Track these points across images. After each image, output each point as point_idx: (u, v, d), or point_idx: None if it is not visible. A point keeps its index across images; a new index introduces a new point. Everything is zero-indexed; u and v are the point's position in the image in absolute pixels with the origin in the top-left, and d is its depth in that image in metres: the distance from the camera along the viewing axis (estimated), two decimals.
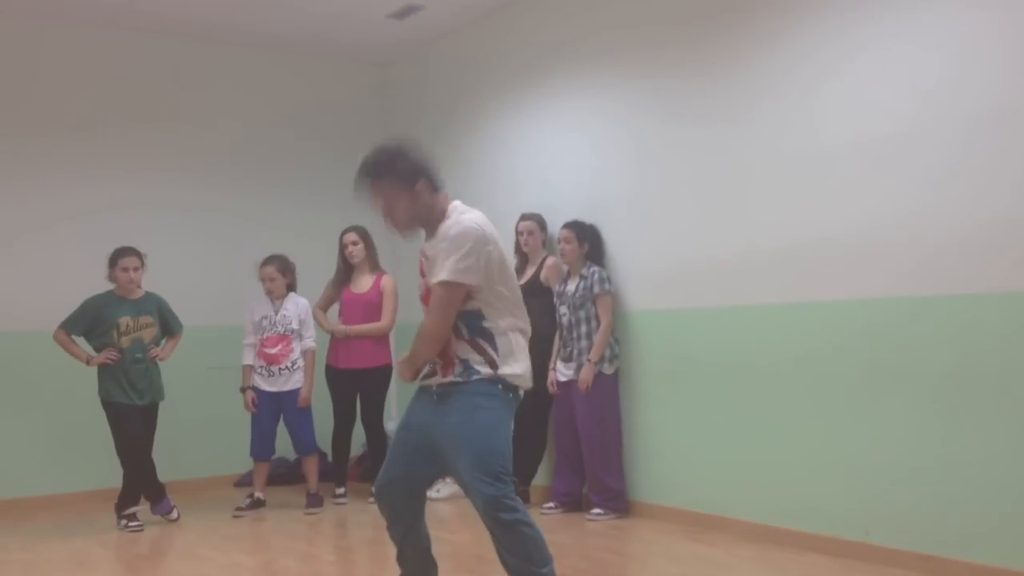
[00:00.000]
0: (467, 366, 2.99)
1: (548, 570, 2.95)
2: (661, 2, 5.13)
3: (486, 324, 2.98)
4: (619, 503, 5.21)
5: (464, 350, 2.99)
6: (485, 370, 2.97)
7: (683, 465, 5.02)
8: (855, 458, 4.16)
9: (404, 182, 3.01)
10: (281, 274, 5.78)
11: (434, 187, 3.06)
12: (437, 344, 3.00)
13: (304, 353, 5.80)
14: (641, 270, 5.30)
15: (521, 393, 3.09)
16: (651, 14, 5.20)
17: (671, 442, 5.09)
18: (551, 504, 5.41)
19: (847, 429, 4.20)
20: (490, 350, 2.98)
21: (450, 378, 3.01)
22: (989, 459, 3.69)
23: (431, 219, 3.07)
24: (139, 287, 5.35)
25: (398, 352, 6.45)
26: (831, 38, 4.29)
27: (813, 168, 4.36)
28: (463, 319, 2.99)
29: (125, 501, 5.30)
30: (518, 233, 5.66)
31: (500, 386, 2.99)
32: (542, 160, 5.99)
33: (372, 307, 5.94)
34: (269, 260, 5.80)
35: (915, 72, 3.97)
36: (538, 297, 5.33)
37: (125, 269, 5.23)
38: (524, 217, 5.69)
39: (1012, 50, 3.66)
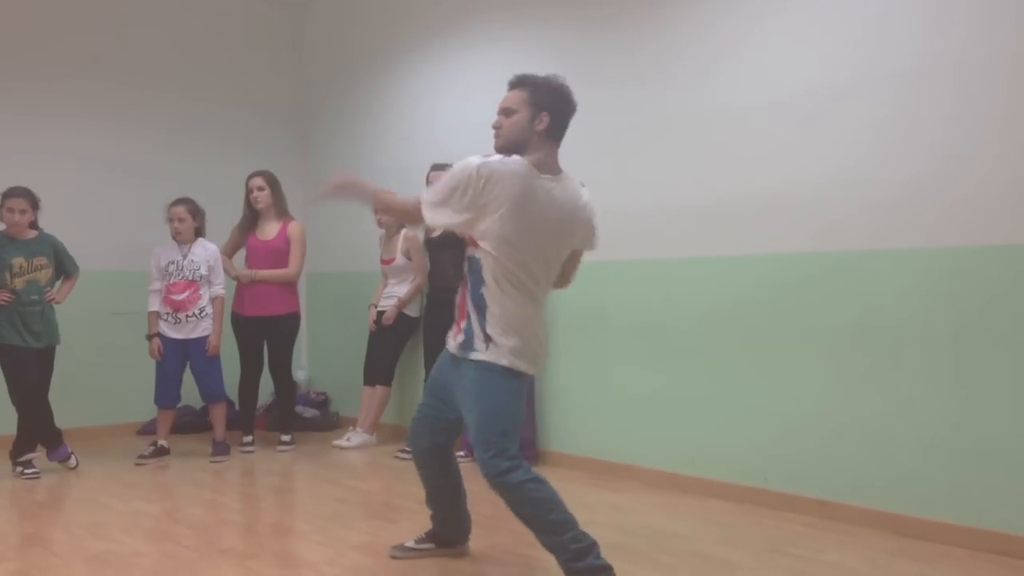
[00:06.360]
0: (468, 337, 2.99)
1: (554, 540, 2.89)
2: None
3: (483, 291, 2.94)
4: (529, 452, 5.26)
5: (471, 308, 2.99)
6: (480, 354, 2.94)
7: (591, 416, 5.09)
8: (755, 409, 4.29)
9: (534, 103, 2.98)
10: (191, 216, 5.60)
11: (552, 133, 3.00)
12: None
13: (213, 300, 5.64)
14: None
15: (527, 376, 3.02)
16: None
17: (580, 393, 5.15)
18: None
19: (748, 381, 4.32)
20: (484, 323, 2.95)
21: (457, 342, 3.03)
22: (881, 410, 3.84)
23: (524, 154, 2.97)
24: (32, 228, 5.15)
25: (306, 300, 6.39)
26: None
27: (725, 127, 4.41)
28: (470, 268, 2.98)
29: (21, 447, 5.13)
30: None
31: (501, 372, 2.95)
32: (460, 109, 5.93)
33: (279, 253, 5.81)
34: (179, 201, 5.62)
35: (829, 34, 4.04)
36: (450, 249, 5.30)
37: (11, 210, 5.03)
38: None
39: (931, 12, 3.74)
